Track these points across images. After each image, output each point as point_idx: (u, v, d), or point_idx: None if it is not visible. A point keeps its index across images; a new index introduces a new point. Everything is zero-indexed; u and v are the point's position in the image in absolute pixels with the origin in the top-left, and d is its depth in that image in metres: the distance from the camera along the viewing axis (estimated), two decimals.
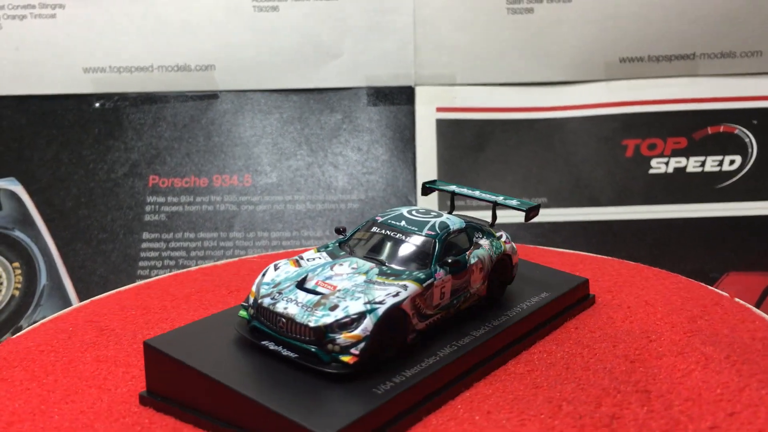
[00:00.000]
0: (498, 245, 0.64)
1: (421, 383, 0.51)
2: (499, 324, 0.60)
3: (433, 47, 1.22)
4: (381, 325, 0.52)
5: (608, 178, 1.20)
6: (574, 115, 1.22)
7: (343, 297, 0.53)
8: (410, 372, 0.52)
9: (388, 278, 0.55)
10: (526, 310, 0.63)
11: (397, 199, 1.20)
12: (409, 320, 0.54)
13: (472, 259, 0.60)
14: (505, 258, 0.65)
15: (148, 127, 1.25)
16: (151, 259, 1.19)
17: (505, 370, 0.57)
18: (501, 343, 0.59)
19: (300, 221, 1.20)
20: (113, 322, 0.68)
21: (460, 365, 0.55)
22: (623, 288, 0.73)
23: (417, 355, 0.54)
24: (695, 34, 1.20)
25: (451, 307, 0.59)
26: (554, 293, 0.66)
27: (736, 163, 1.20)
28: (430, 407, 0.52)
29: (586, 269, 0.78)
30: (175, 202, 1.22)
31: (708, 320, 0.64)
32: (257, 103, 1.26)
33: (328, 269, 0.57)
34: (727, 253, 1.16)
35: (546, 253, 0.86)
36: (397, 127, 1.24)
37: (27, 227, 1.20)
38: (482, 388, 0.55)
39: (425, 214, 0.63)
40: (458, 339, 0.57)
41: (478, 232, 0.64)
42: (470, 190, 0.71)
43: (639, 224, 1.18)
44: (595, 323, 0.65)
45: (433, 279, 0.56)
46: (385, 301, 0.53)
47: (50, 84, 1.24)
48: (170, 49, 1.23)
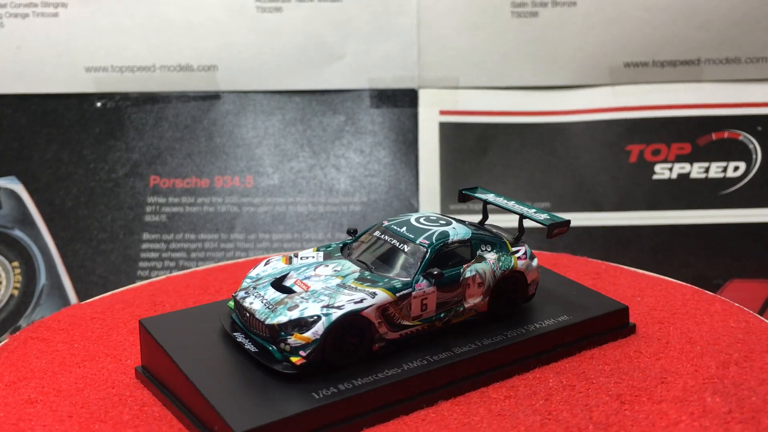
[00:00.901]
0: (507, 260, 0.61)
1: (367, 394, 0.50)
2: (490, 344, 0.57)
3: (437, 50, 1.22)
4: (334, 330, 0.52)
5: (612, 184, 1.19)
6: (578, 120, 1.22)
7: (307, 298, 0.54)
8: (361, 381, 0.52)
9: (364, 284, 0.55)
10: (529, 333, 0.59)
11: (400, 202, 1.20)
12: (374, 329, 0.54)
13: (468, 273, 0.58)
14: (517, 275, 0.61)
15: (150, 127, 1.24)
16: (151, 260, 1.18)
17: (482, 392, 0.55)
18: (485, 364, 0.56)
19: (301, 223, 1.19)
20: (171, 299, 0.75)
21: (424, 381, 0.53)
22: (679, 320, 0.67)
23: (379, 365, 0.53)
24: (700, 39, 1.20)
25: (437, 320, 0.57)
26: (576, 318, 0.62)
27: (741, 169, 1.19)
28: (373, 420, 0.51)
29: (653, 294, 0.73)
30: (176, 203, 1.21)
31: (742, 368, 0.59)
32: (259, 104, 1.25)
33: (312, 269, 0.59)
34: (730, 260, 1.15)
35: (620, 273, 0.79)
36: (399, 129, 1.23)
37: (27, 226, 1.20)
38: (444, 408, 0.53)
39: (432, 222, 0.61)
40: (434, 354, 0.55)
41: (486, 245, 0.61)
42: (506, 200, 0.67)
43: (642, 230, 1.17)
44: (616, 356, 0.61)
45: (411, 289, 0.56)
46: (344, 306, 0.53)
47: (51, 83, 1.24)
48: (172, 49, 1.23)
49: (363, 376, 0.52)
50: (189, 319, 0.61)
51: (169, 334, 0.58)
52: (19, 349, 0.65)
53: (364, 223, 1.18)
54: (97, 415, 0.54)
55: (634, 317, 0.67)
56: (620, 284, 0.75)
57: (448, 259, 0.58)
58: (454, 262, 0.59)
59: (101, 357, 0.63)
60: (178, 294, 0.76)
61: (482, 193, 0.69)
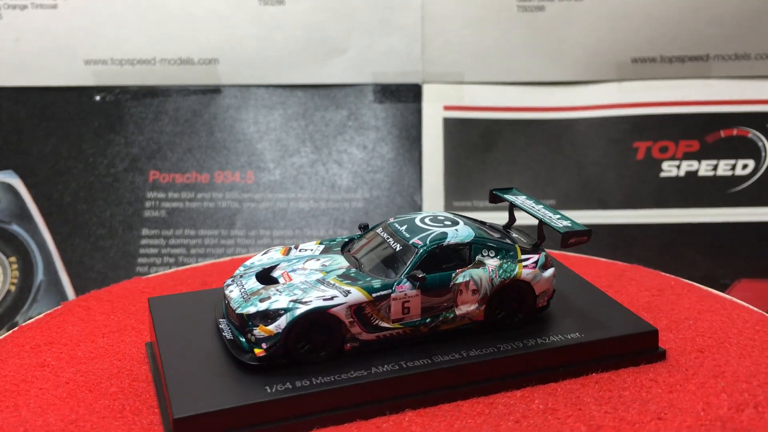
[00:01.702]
0: (510, 268, 0.57)
1: (322, 394, 0.50)
2: (476, 356, 0.54)
3: (442, 44, 1.21)
4: (297, 325, 0.52)
5: (618, 181, 1.18)
6: (585, 116, 1.21)
7: (281, 291, 0.54)
8: (321, 380, 0.51)
9: (343, 281, 0.55)
10: (525, 348, 0.55)
11: (402, 198, 1.18)
12: (345, 328, 0.53)
13: (460, 278, 0.56)
14: (521, 284, 0.58)
15: (150, 121, 1.23)
16: (151, 256, 1.17)
17: (457, 406, 0.52)
18: (462, 377, 0.53)
19: (303, 219, 1.18)
20: (223, 280, 0.74)
21: (389, 387, 0.51)
22: (723, 350, 0.60)
23: (347, 366, 0.53)
24: (709, 35, 1.19)
25: (423, 325, 0.55)
26: (590, 336, 0.57)
27: (749, 167, 1.18)
28: (325, 420, 0.50)
29: (710, 318, 0.66)
30: (176, 198, 1.20)
31: (760, 413, 0.53)
32: (261, 99, 1.24)
33: (302, 263, 0.59)
34: (738, 259, 1.14)
35: (685, 292, 0.72)
36: (403, 125, 1.22)
37: (24, 221, 1.18)
38: (406, 418, 0.51)
39: (437, 223, 0.59)
40: (410, 360, 0.53)
41: (489, 250, 0.57)
42: (535, 203, 0.63)
43: (649, 228, 1.16)
44: (626, 383, 0.55)
45: (390, 291, 0.54)
46: (311, 302, 0.53)
47: (50, 76, 1.22)
48: (173, 42, 1.22)
49: (326, 375, 0.51)
50: (194, 301, 0.62)
51: (167, 314, 0.60)
52: (63, 315, 0.69)
53: (366, 219, 1.16)
54: (89, 385, 0.57)
55: (675, 342, 0.61)
56: (680, 303, 0.69)
57: (443, 262, 0.56)
58: (448, 265, 0.56)
59: (127, 330, 0.66)
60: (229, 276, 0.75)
61: (513, 195, 0.65)
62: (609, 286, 0.72)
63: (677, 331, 0.63)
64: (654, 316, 0.66)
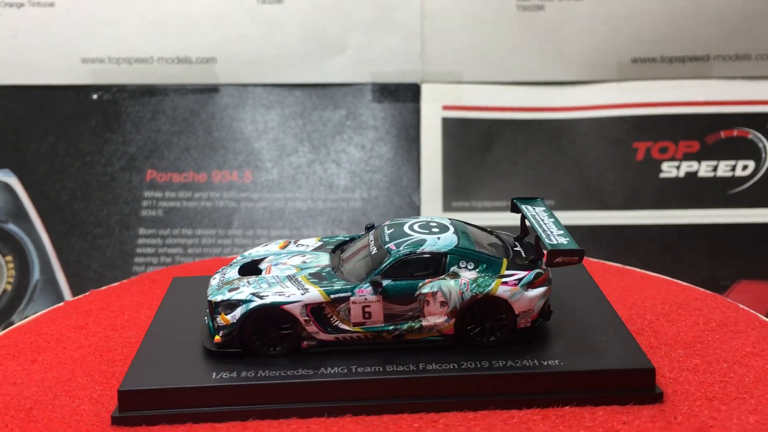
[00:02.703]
0: (485, 283, 0.54)
1: (260, 387, 0.51)
2: (432, 370, 0.52)
3: (441, 43, 1.20)
4: (251, 317, 0.54)
5: (618, 182, 1.18)
6: (585, 116, 1.20)
7: (251, 283, 0.56)
8: (267, 373, 0.52)
9: (310, 280, 0.56)
10: (489, 369, 0.52)
11: (401, 198, 1.18)
12: (300, 326, 0.54)
13: (427, 288, 0.54)
14: (498, 302, 0.54)
15: (147, 120, 1.23)
16: (147, 255, 1.17)
17: (398, 418, 0.51)
18: (413, 390, 0.51)
19: (300, 219, 1.18)
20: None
21: (332, 390, 0.51)
22: (736, 403, 0.52)
23: (300, 363, 0.53)
24: (710, 35, 1.18)
25: (386, 332, 0.55)
26: (569, 366, 0.52)
27: (750, 168, 1.17)
28: (260, 414, 0.51)
29: (756, 363, 0.58)
30: (173, 198, 1.20)
31: None
32: (259, 98, 1.24)
33: (287, 257, 0.60)
34: (738, 260, 1.14)
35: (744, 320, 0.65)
36: (401, 124, 1.22)
37: (21, 220, 1.18)
38: (340, 423, 0.50)
39: (424, 229, 0.57)
40: (363, 366, 0.53)
41: (468, 262, 0.55)
42: (548, 216, 0.59)
43: (649, 229, 1.16)
44: (594, 422, 0.50)
45: (349, 293, 0.54)
46: (267, 297, 0.54)
47: (47, 74, 1.22)
48: (171, 41, 1.21)
49: (275, 369, 0.52)
50: (204, 283, 0.63)
51: (179, 295, 0.64)
52: (85, 304, 0.72)
53: (364, 220, 1.16)
54: (76, 365, 0.59)
55: (689, 385, 0.54)
56: (732, 342, 0.61)
57: (415, 270, 0.55)
58: (420, 274, 0.55)
59: (141, 309, 0.69)
60: None
61: (531, 206, 0.61)
62: (664, 315, 0.65)
63: (702, 374, 0.56)
64: (688, 353, 0.59)
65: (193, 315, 0.61)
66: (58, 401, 0.54)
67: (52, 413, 0.53)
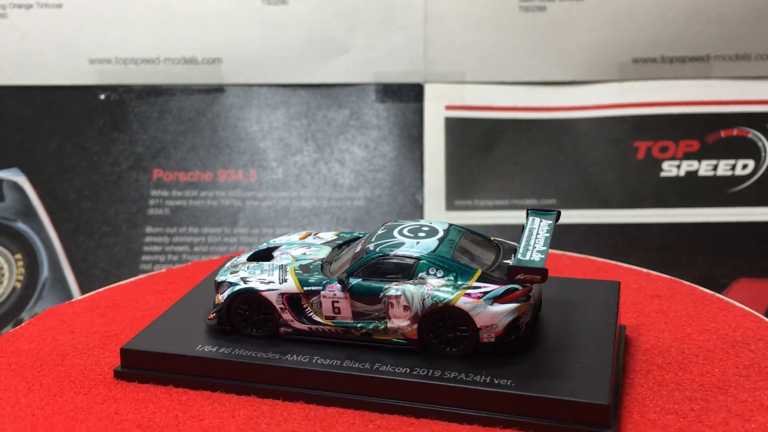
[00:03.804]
0: (447, 293, 0.53)
1: (230, 364, 0.55)
2: (383, 371, 0.53)
3: (444, 44, 1.21)
4: (235, 299, 0.58)
5: (619, 181, 1.18)
6: (585, 116, 1.21)
7: (249, 268, 0.60)
8: (242, 352, 0.56)
9: (296, 271, 0.58)
10: (438, 379, 0.51)
11: (404, 197, 1.19)
12: (277, 313, 0.57)
13: (391, 291, 0.54)
14: (459, 313, 0.53)
15: (154, 120, 1.24)
16: (154, 254, 1.18)
17: (339, 413, 0.53)
18: (360, 388, 0.53)
19: (305, 218, 1.19)
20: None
21: (289, 377, 0.54)
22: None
23: (272, 347, 0.57)
24: (710, 35, 1.19)
25: (354, 328, 0.56)
26: (519, 389, 0.50)
27: (749, 167, 1.18)
28: (227, 387, 0.55)
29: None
30: (180, 197, 1.21)
31: None
32: (264, 98, 1.25)
33: (295, 248, 0.63)
34: (737, 259, 1.14)
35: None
36: (405, 124, 1.22)
37: (29, 219, 1.19)
38: (288, 408, 0.53)
39: (410, 233, 0.58)
40: (325, 358, 0.55)
41: (437, 269, 0.54)
42: (546, 232, 0.57)
43: (649, 228, 1.16)
44: None
45: (320, 288, 0.56)
46: (249, 282, 0.58)
47: (55, 74, 1.23)
48: (177, 42, 1.22)
49: (250, 350, 0.57)
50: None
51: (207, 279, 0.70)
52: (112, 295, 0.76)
53: (367, 219, 1.17)
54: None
55: (653, 422, 0.51)
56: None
57: (386, 272, 0.55)
58: (392, 276, 0.55)
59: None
60: None
61: (542, 218, 0.59)
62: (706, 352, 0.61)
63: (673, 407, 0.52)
64: (692, 402, 0.53)
65: (208, 288, 0.66)
66: (94, 351, 0.63)
67: (84, 360, 0.62)
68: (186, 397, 0.56)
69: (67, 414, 0.54)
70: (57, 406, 0.55)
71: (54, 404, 0.56)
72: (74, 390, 0.58)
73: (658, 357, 0.59)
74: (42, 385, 0.58)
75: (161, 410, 0.54)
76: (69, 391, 0.57)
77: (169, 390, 0.57)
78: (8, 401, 0.56)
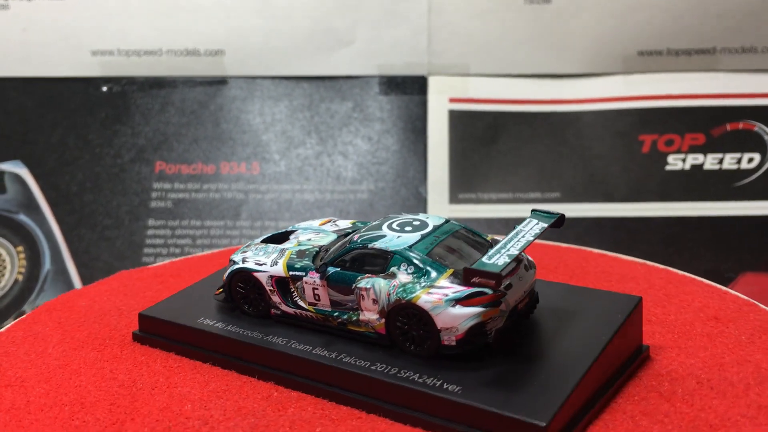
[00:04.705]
0: (411, 290, 0.52)
1: (221, 339, 0.58)
2: (345, 363, 0.53)
3: (448, 36, 1.20)
4: (234, 278, 0.61)
5: (624, 174, 1.18)
6: (590, 109, 1.20)
7: (255, 249, 0.62)
8: (231, 328, 0.59)
9: (292, 256, 0.60)
10: (390, 377, 0.51)
11: (407, 190, 1.18)
12: (267, 294, 0.59)
13: (362, 283, 0.54)
14: (418, 311, 0.52)
15: (156, 112, 1.23)
16: (157, 246, 1.17)
17: (300, 398, 0.54)
18: (310, 372, 0.54)
19: (308, 211, 1.18)
20: None
21: (263, 356, 0.56)
22: None
23: (259, 327, 0.59)
24: (716, 28, 1.18)
25: (331, 317, 0.56)
26: (462, 398, 0.48)
27: (755, 161, 1.17)
28: (215, 360, 0.58)
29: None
30: (182, 189, 1.20)
31: None
32: (267, 90, 1.24)
33: (307, 233, 0.65)
34: (743, 252, 1.14)
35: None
36: (408, 117, 1.22)
37: (31, 211, 1.19)
38: (263, 386, 0.55)
39: (400, 226, 0.57)
40: (300, 344, 0.56)
41: (408, 265, 0.53)
42: (530, 236, 0.54)
43: (654, 221, 1.16)
44: None
45: (303, 274, 0.57)
46: (247, 263, 0.60)
47: (57, 66, 1.23)
48: (179, 33, 1.22)
49: (240, 327, 0.59)
50: None
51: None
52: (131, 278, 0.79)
53: (370, 211, 1.17)
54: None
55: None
56: None
57: (364, 263, 0.55)
58: (368, 268, 0.55)
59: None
60: None
61: (538, 220, 0.57)
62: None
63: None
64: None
65: None
66: (132, 314, 0.68)
67: (119, 321, 0.67)
68: (177, 365, 0.59)
69: (71, 367, 0.60)
70: (69, 359, 0.61)
71: (68, 357, 0.61)
72: (93, 347, 0.63)
73: (666, 384, 0.54)
74: (72, 339, 0.64)
75: (149, 373, 0.58)
76: (87, 347, 0.63)
77: (168, 356, 0.61)
78: (36, 349, 0.63)
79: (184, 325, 0.60)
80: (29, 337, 0.65)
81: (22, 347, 0.63)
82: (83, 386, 0.57)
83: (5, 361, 0.61)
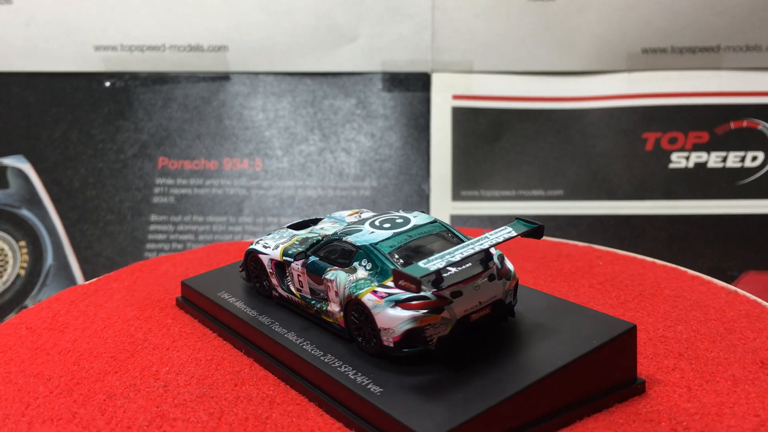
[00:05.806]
0: (361, 286, 0.51)
1: (224, 313, 0.62)
2: (301, 350, 0.53)
3: (451, 33, 1.20)
4: (248, 258, 0.64)
5: (627, 172, 1.17)
6: (594, 107, 1.20)
7: (277, 233, 0.65)
8: (242, 306, 0.62)
9: (296, 241, 0.61)
10: (325, 367, 0.51)
11: (410, 187, 1.18)
12: (267, 275, 0.62)
13: (329, 275, 0.54)
14: (365, 309, 0.51)
15: (159, 107, 1.23)
16: (159, 242, 1.17)
17: (276, 382, 0.54)
18: (287, 364, 0.55)
19: (311, 207, 1.18)
20: None
21: (253, 335, 0.59)
22: None
23: (259, 305, 0.62)
24: (720, 26, 1.18)
25: (310, 306, 0.57)
26: (377, 401, 0.48)
27: (759, 159, 1.17)
28: (218, 332, 0.63)
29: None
30: (185, 185, 1.20)
31: None
32: (270, 86, 1.24)
33: (326, 222, 0.66)
34: (746, 251, 1.14)
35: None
36: (411, 113, 1.22)
37: (34, 206, 1.19)
38: (246, 362, 0.58)
39: (382, 222, 0.57)
40: (281, 328, 0.58)
41: (369, 262, 0.52)
42: (493, 240, 0.51)
43: (657, 219, 1.16)
44: None
45: (291, 260, 0.59)
46: (256, 245, 0.63)
47: (60, 61, 1.23)
48: (183, 29, 1.22)
49: (247, 306, 0.62)
50: None
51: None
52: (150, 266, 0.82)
53: (373, 208, 1.16)
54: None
55: None
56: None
57: (337, 255, 0.55)
58: (341, 261, 0.55)
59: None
60: None
61: (513, 228, 0.52)
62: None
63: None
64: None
65: None
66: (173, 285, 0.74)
67: (168, 286, 0.73)
68: (190, 331, 0.63)
69: (110, 320, 0.66)
70: (113, 314, 0.67)
71: (115, 312, 0.67)
72: (139, 306, 0.69)
73: (638, 424, 0.48)
74: (130, 297, 0.70)
75: (161, 336, 0.62)
76: (135, 306, 0.68)
77: (191, 322, 0.65)
78: (98, 301, 0.70)
79: (205, 296, 0.65)
80: (101, 291, 0.72)
81: (93, 299, 0.70)
82: (105, 338, 0.62)
83: (67, 309, 0.68)
